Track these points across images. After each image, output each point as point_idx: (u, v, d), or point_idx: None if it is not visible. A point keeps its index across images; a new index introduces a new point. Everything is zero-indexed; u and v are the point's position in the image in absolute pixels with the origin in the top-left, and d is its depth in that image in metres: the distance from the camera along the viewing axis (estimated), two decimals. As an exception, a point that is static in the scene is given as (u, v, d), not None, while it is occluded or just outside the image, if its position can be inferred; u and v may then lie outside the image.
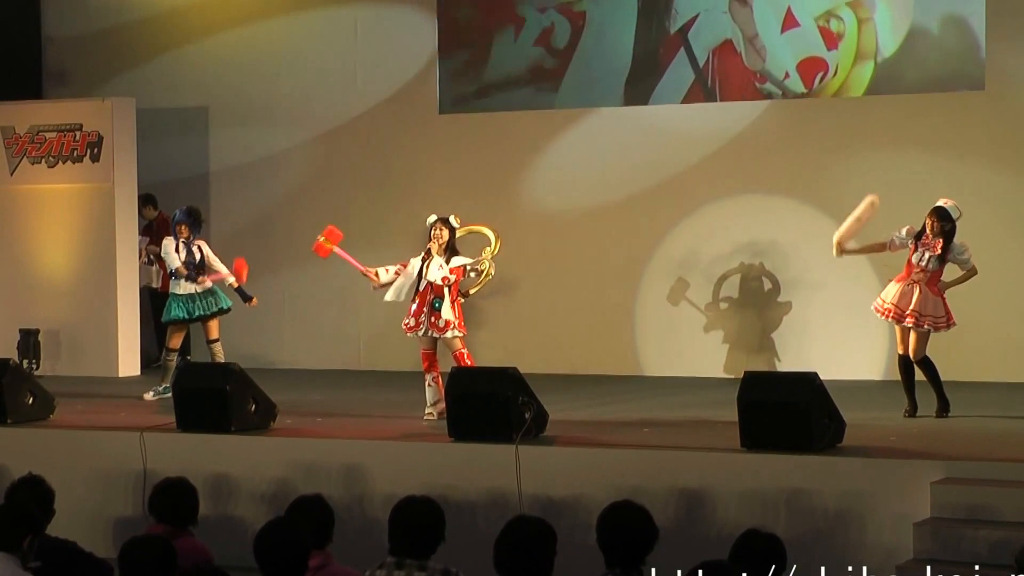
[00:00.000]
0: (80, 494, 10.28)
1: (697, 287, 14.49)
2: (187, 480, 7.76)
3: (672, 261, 14.60)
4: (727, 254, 14.37)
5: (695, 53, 14.53)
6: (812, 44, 14.14)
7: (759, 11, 14.29)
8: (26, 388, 11.73)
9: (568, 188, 14.91)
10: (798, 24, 14.18)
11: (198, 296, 13.07)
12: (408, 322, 11.47)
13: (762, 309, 14.23)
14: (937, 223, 11.20)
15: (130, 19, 16.57)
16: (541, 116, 15.07)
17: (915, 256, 11.26)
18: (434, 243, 11.42)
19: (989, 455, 9.49)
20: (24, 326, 15.14)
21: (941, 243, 11.19)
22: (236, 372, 11.04)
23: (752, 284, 14.26)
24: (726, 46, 14.42)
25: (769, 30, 14.26)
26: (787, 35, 14.23)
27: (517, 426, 10.01)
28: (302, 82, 15.93)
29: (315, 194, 15.87)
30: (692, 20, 14.54)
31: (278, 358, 15.52)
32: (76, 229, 15.34)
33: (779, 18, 14.24)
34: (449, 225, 11.46)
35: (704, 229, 14.51)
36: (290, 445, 10.61)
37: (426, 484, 9.40)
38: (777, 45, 14.24)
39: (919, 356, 11.28)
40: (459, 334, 11.39)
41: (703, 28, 14.49)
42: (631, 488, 9.17)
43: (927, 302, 11.17)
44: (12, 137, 15.64)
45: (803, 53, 14.18)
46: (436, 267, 11.36)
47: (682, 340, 14.51)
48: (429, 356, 11.45)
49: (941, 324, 11.23)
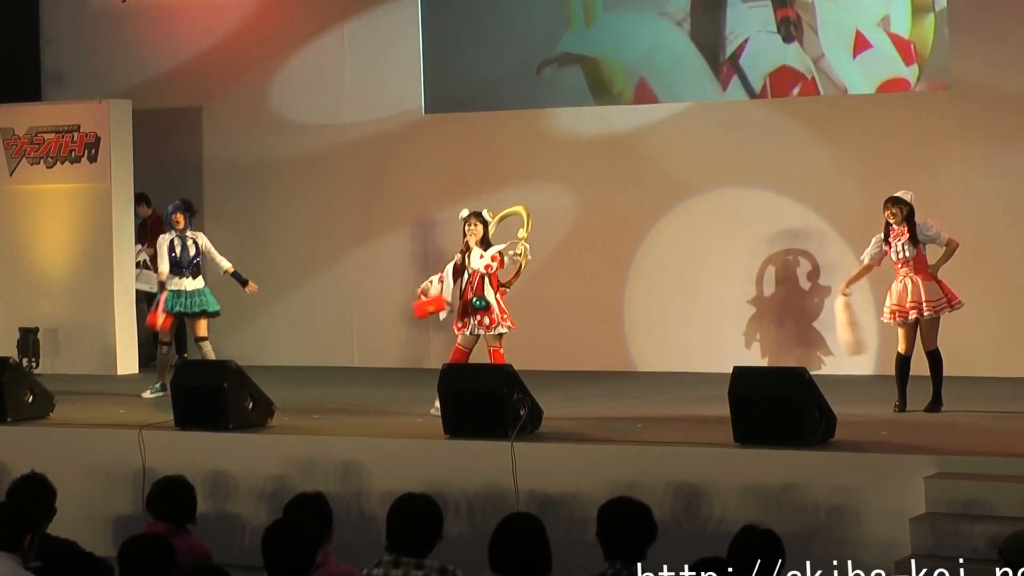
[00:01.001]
0: (79, 492, 10.28)
1: (687, 281, 14.47)
2: (185, 478, 7.80)
3: (661, 256, 14.57)
4: (718, 248, 14.36)
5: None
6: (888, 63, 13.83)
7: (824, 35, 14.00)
8: (25, 386, 11.80)
9: (554, 186, 14.88)
10: (870, 45, 13.93)
11: (185, 294, 13.13)
12: (457, 323, 11.47)
13: (758, 303, 14.25)
14: (894, 209, 11.34)
15: (127, 23, 16.61)
16: (528, 115, 15.07)
17: (892, 253, 11.37)
18: (470, 237, 11.42)
19: (981, 449, 9.54)
20: (23, 325, 15.13)
21: (907, 228, 11.30)
22: (233, 370, 11.08)
23: (744, 278, 14.23)
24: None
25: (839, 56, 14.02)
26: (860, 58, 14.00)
27: (512, 423, 10.04)
28: (293, 85, 15.97)
29: (307, 194, 15.91)
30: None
31: (273, 355, 15.53)
32: (74, 228, 15.38)
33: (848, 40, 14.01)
34: (482, 219, 11.45)
35: (691, 223, 14.49)
36: (287, 442, 10.66)
37: (422, 481, 9.47)
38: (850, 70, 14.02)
39: (930, 347, 11.29)
40: (505, 329, 11.36)
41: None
42: (626, 484, 9.22)
43: (920, 289, 11.25)
44: (11, 138, 15.68)
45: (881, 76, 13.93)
46: (477, 256, 11.35)
47: (673, 335, 14.49)
48: (463, 354, 11.40)
49: (943, 306, 11.28)
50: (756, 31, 14.17)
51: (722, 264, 14.29)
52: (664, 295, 14.53)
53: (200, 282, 13.24)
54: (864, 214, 12.70)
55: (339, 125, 15.82)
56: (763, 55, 14.18)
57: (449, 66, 15.41)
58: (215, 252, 13.30)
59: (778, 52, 14.12)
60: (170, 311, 13.16)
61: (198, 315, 13.16)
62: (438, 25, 15.40)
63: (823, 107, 14.08)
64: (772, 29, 14.13)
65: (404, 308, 15.33)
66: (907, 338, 11.38)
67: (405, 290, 14.33)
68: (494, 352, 11.37)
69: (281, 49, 16.05)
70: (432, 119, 15.47)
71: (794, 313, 14.13)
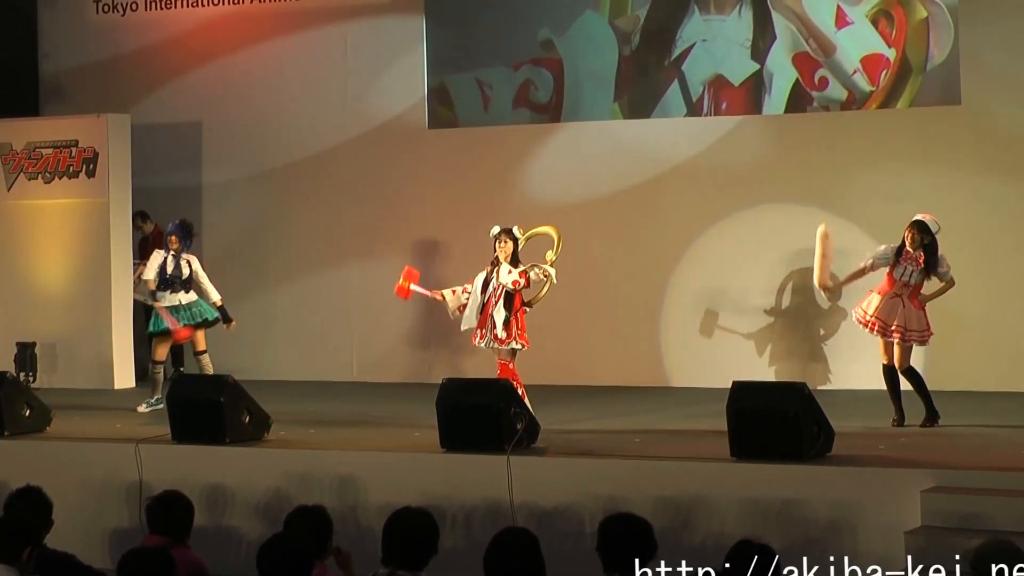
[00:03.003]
0: (76, 505, 10.30)
1: (718, 300, 14.47)
2: (182, 493, 7.82)
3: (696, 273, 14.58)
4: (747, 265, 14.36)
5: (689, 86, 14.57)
6: (870, 41, 14.00)
7: (810, 7, 14.17)
8: (23, 400, 11.81)
9: (571, 199, 14.86)
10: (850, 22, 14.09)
11: (182, 307, 13.16)
12: (474, 334, 11.48)
13: (787, 319, 14.23)
14: (918, 235, 11.31)
15: (126, 37, 16.64)
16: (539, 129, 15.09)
17: (897, 271, 11.36)
18: (500, 253, 11.40)
19: (978, 463, 9.56)
20: (21, 339, 15.20)
21: (923, 256, 11.29)
22: (230, 384, 11.08)
23: (773, 294, 14.22)
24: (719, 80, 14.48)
25: (826, 28, 14.16)
26: (844, 31, 14.14)
27: (508, 436, 10.05)
28: (294, 98, 15.99)
29: (307, 208, 15.94)
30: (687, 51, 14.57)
31: (271, 370, 15.54)
32: (72, 243, 15.41)
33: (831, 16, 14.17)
34: (512, 236, 11.43)
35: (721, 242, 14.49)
36: (284, 456, 10.67)
37: (418, 494, 9.49)
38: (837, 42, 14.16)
39: (904, 366, 11.38)
40: (518, 346, 11.35)
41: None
42: (622, 498, 9.24)
43: (911, 317, 11.27)
44: (9, 153, 15.71)
45: (865, 50, 14.06)
46: (505, 272, 11.34)
47: (706, 351, 14.45)
48: (505, 367, 11.39)
49: (926, 337, 11.36)
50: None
51: (756, 281, 14.28)
52: (698, 311, 14.53)
53: (193, 295, 13.26)
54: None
55: (340, 140, 15.87)
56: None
57: (454, 79, 15.43)
58: (206, 281, 13.29)
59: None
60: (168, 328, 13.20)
61: (198, 326, 13.18)
62: (442, 38, 15.42)
63: (859, 122, 14.02)
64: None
65: (404, 323, 15.42)
66: (887, 349, 11.43)
67: (405, 306, 14.36)
68: (502, 366, 11.36)
69: (282, 63, 16.08)
70: (436, 134, 15.48)
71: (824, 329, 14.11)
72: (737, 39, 14.43)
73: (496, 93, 15.29)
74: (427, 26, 15.44)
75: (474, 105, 15.40)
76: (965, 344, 13.08)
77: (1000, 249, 13.47)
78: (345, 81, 15.85)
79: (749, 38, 14.39)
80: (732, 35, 14.44)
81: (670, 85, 14.64)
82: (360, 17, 15.74)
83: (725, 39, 14.46)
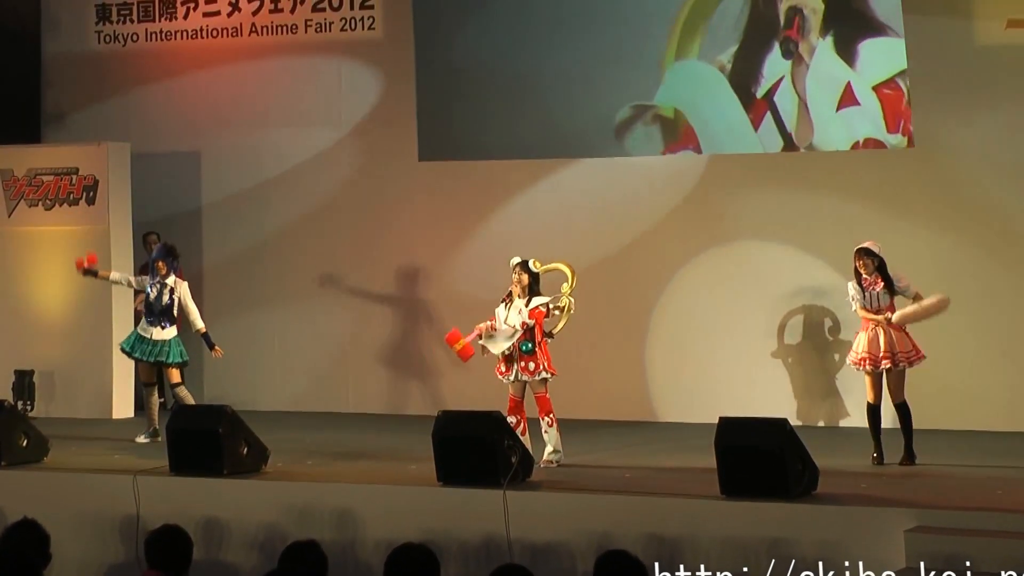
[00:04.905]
0: (72, 537, 10.29)
1: (708, 333, 14.50)
2: (181, 527, 7.89)
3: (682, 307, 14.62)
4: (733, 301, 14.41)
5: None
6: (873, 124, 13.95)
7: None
8: (20, 429, 11.81)
9: (555, 233, 14.94)
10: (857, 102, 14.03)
11: (149, 342, 13.14)
12: (499, 367, 11.56)
13: (777, 355, 14.32)
14: (866, 259, 11.53)
15: (127, 67, 16.76)
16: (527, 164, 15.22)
17: (866, 301, 11.56)
18: (515, 287, 11.51)
19: (961, 503, 9.65)
20: (19, 367, 15.22)
21: (879, 277, 11.50)
22: (228, 415, 11.10)
23: (763, 330, 14.26)
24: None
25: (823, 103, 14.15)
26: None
27: (504, 470, 10.13)
28: (290, 128, 16.11)
29: (304, 240, 16.00)
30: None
31: (268, 401, 15.62)
32: (72, 271, 15.28)
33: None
34: (528, 269, 11.52)
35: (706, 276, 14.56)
36: (282, 488, 10.69)
37: (416, 528, 9.58)
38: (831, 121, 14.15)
39: (898, 399, 11.47)
40: (548, 376, 11.45)
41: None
42: (616, 534, 9.35)
43: (893, 340, 11.42)
44: (10, 180, 15.77)
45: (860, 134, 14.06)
46: (515, 312, 11.44)
47: (693, 386, 14.49)
48: (516, 402, 11.47)
49: (914, 358, 11.46)
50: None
51: (741, 316, 14.31)
52: (684, 346, 14.58)
53: (170, 332, 13.17)
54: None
55: (336, 171, 15.94)
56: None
57: (444, 113, 15.57)
58: (192, 306, 13.26)
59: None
60: (130, 353, 13.25)
61: (155, 364, 13.20)
62: (433, 72, 15.56)
63: (854, 161, 14.07)
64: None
65: (398, 354, 15.47)
66: (874, 387, 11.55)
67: (399, 336, 14.45)
68: (539, 397, 11.46)
69: (278, 96, 16.21)
70: (426, 166, 15.60)
71: (815, 366, 14.16)
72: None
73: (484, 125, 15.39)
74: (417, 57, 15.52)
75: (464, 137, 15.51)
76: (948, 383, 13.17)
77: (983, 288, 13.55)
78: (339, 114, 15.98)
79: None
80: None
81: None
82: (354, 49, 15.87)
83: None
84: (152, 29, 16.66)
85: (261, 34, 16.24)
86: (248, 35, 16.28)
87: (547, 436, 11.45)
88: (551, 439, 11.45)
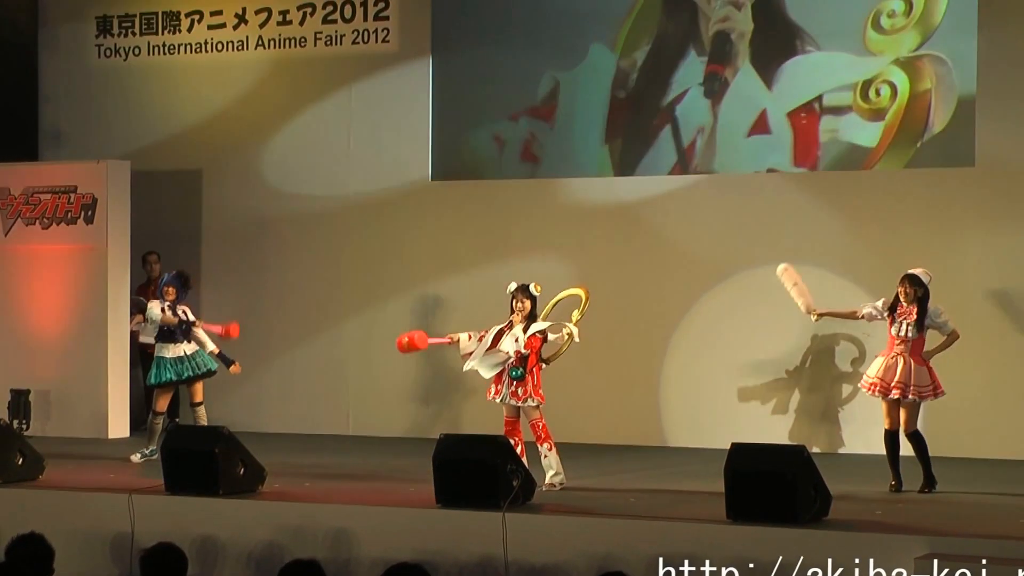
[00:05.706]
0: (68, 555, 10.07)
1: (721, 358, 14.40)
2: (176, 545, 7.81)
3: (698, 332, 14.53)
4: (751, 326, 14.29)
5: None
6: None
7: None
8: (16, 448, 11.76)
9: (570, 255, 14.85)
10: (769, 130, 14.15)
11: (187, 358, 13.16)
12: (489, 388, 11.45)
13: (788, 380, 14.21)
14: (909, 288, 11.31)
15: (128, 82, 16.68)
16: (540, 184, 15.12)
17: (893, 328, 11.37)
18: (517, 315, 11.32)
19: (973, 531, 9.54)
20: (15, 386, 15.15)
21: (916, 310, 11.29)
22: (225, 435, 11.07)
23: (775, 355, 14.16)
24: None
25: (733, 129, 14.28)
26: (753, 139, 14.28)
27: (504, 493, 10.06)
28: (297, 147, 16.01)
29: (306, 260, 15.93)
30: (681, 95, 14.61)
31: (266, 422, 15.52)
32: (69, 290, 15.39)
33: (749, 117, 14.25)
34: (529, 294, 11.34)
35: (728, 301, 14.45)
36: (278, 509, 10.63)
37: (413, 549, 9.51)
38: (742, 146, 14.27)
39: (910, 429, 11.34)
40: (534, 403, 11.30)
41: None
42: (617, 558, 9.23)
43: (911, 372, 11.25)
44: (7, 198, 15.72)
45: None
46: (511, 339, 11.27)
47: (706, 411, 14.40)
48: (511, 423, 11.36)
49: (927, 393, 11.30)
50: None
51: (758, 341, 14.21)
52: (699, 371, 14.49)
53: (194, 345, 13.23)
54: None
55: (342, 190, 15.85)
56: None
57: (458, 132, 15.46)
58: (202, 331, 13.26)
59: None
60: (178, 379, 13.15)
61: (200, 377, 13.16)
62: (449, 90, 15.45)
63: (908, 180, 13.99)
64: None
65: (401, 377, 15.38)
66: (890, 414, 11.40)
67: (402, 359, 14.32)
68: (534, 424, 11.32)
69: (285, 112, 16.11)
70: (439, 186, 15.49)
71: (826, 392, 14.07)
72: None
73: (497, 146, 15.29)
74: (434, 77, 15.43)
75: (478, 158, 15.42)
76: (965, 410, 13.06)
77: (1003, 314, 13.45)
78: (349, 131, 15.88)
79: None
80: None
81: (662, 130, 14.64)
82: (365, 67, 15.77)
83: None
84: (155, 42, 16.56)
85: (268, 48, 16.12)
86: (255, 48, 16.17)
87: (546, 462, 11.32)
88: (551, 463, 11.31)
